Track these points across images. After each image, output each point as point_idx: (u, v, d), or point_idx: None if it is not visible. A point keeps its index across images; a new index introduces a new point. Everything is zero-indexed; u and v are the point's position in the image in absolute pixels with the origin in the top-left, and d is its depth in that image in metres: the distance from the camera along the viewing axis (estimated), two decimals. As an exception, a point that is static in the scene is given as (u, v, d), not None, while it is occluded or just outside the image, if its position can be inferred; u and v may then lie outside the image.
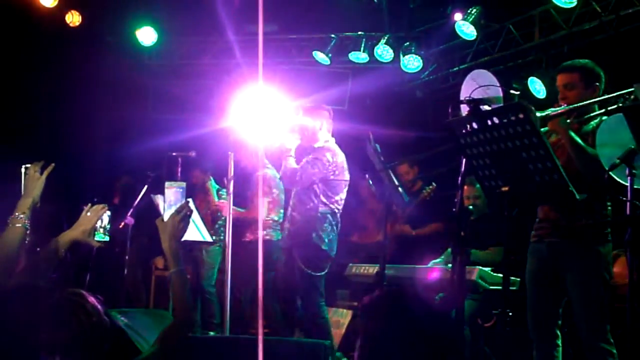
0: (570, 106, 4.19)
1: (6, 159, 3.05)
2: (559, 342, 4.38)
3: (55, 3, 8.83)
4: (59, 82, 9.66)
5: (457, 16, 7.93)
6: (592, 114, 4.27)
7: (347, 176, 6.07)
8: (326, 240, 5.85)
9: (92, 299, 1.99)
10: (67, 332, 1.86)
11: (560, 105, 4.25)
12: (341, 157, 6.04)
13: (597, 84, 4.33)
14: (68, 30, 9.21)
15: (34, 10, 8.82)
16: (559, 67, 4.51)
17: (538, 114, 4.02)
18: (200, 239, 6.42)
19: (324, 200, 5.90)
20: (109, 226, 3.32)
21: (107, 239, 3.31)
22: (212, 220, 7.58)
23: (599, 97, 4.28)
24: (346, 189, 6.10)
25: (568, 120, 4.18)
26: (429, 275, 5.30)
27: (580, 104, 4.21)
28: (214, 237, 7.04)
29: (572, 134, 4.12)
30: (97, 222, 3.17)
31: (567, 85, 4.32)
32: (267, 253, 6.48)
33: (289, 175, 5.96)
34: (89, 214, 3.16)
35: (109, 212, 3.26)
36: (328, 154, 5.95)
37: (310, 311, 5.86)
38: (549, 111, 4.15)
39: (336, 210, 5.97)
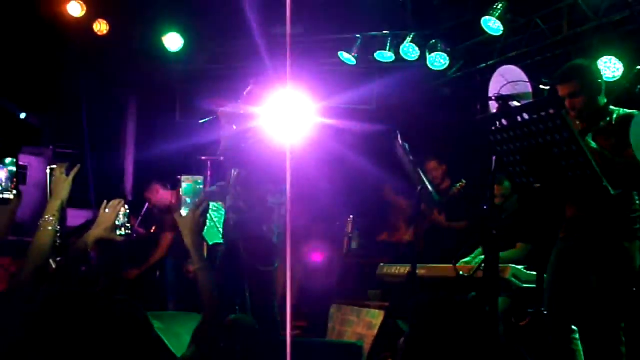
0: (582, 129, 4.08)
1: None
2: (577, 336, 4.34)
3: (84, 13, 8.94)
4: (88, 89, 9.78)
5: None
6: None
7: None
8: (275, 231, 5.22)
9: (141, 308, 1.96)
10: (115, 343, 1.83)
11: (571, 115, 4.14)
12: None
13: (599, 80, 4.26)
14: (96, 38, 9.30)
15: (62, 20, 8.92)
16: (555, 77, 4.38)
17: None
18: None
19: (273, 188, 5.25)
20: (127, 222, 3.25)
21: (128, 232, 3.25)
22: None
23: (603, 89, 4.20)
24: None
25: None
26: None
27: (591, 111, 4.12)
28: None
29: (597, 148, 4.01)
30: (116, 218, 3.14)
31: (570, 94, 4.20)
32: None
33: (233, 153, 5.28)
34: (107, 210, 3.13)
35: (126, 207, 3.20)
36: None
37: (259, 312, 5.19)
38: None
39: (283, 202, 5.29)
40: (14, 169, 2.72)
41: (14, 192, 2.68)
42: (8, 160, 2.71)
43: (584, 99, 4.16)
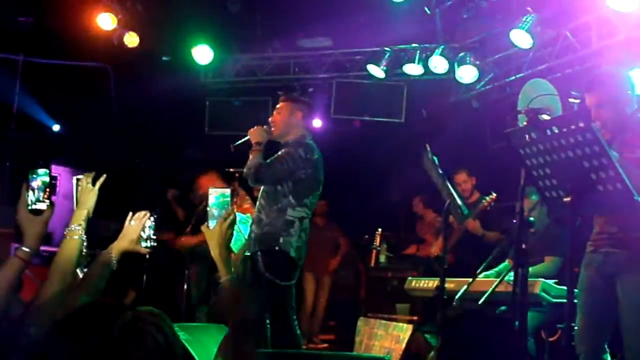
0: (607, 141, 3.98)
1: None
2: (607, 357, 4.24)
3: (115, 25, 9.05)
4: (117, 101, 9.87)
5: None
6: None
7: (320, 177, 5.40)
8: (294, 245, 5.19)
9: (167, 319, 1.94)
10: (141, 354, 1.82)
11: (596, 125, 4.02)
12: (316, 155, 5.35)
13: (628, 91, 4.10)
14: (126, 51, 9.40)
15: (93, 33, 9.04)
16: (582, 86, 4.27)
17: None
18: None
19: (293, 201, 5.24)
20: (153, 234, 3.20)
21: (153, 244, 3.21)
22: None
23: (633, 99, 4.08)
24: (318, 192, 5.42)
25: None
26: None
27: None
28: None
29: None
30: (141, 229, 3.11)
31: (597, 105, 4.05)
32: None
33: (253, 172, 5.20)
34: (132, 222, 3.10)
35: (152, 219, 3.15)
36: (300, 149, 5.27)
37: (277, 325, 5.19)
38: None
39: (305, 215, 5.30)
40: (47, 179, 2.73)
41: (47, 202, 2.69)
42: (41, 171, 2.72)
43: (609, 109, 4.03)
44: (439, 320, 2.01)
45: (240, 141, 5.54)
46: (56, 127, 10.76)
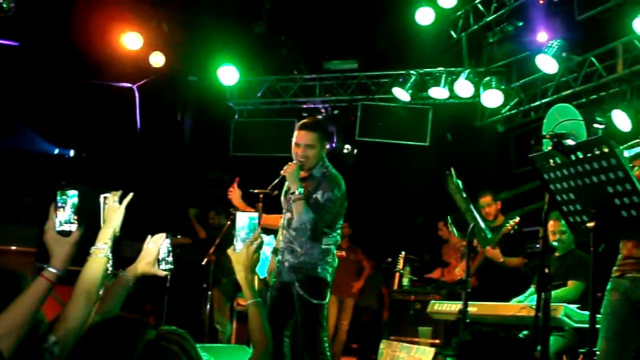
0: None
1: (95, 190, 3.06)
2: None
3: (141, 45, 9.17)
4: (143, 120, 9.98)
5: (541, 36, 7.93)
6: None
7: (346, 203, 5.34)
8: (330, 270, 5.20)
9: (190, 339, 1.94)
10: None
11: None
12: (344, 185, 5.27)
13: None
14: (152, 71, 9.51)
15: (120, 53, 9.16)
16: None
17: (626, 153, 3.86)
18: None
19: (327, 230, 5.22)
20: (170, 255, 3.20)
21: (171, 267, 3.20)
22: None
23: None
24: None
25: None
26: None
27: None
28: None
29: None
30: (158, 252, 3.12)
31: None
32: None
33: (311, 228, 5.10)
34: (150, 245, 3.12)
35: (168, 241, 3.15)
36: (335, 189, 5.18)
37: (310, 345, 5.15)
38: (637, 150, 3.97)
39: (337, 239, 5.32)
40: (77, 201, 2.74)
41: (76, 224, 2.69)
42: (71, 192, 2.74)
43: None
44: (456, 344, 2.02)
45: (275, 182, 5.44)
46: (71, 153, 10.79)
